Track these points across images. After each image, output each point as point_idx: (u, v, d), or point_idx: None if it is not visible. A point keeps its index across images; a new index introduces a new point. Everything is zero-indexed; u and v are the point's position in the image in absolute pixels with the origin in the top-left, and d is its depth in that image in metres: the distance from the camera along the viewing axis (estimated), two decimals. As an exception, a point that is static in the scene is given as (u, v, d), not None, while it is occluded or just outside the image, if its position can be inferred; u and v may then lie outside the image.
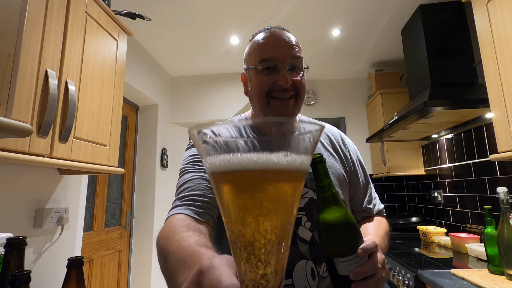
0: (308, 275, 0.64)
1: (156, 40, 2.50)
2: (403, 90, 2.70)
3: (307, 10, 2.11)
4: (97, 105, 1.16)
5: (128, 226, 2.61)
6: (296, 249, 0.66)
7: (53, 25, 0.93)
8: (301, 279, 0.64)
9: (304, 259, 0.65)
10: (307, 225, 0.67)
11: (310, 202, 0.67)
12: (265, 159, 0.23)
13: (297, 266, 0.65)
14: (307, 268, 0.65)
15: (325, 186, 0.47)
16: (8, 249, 0.59)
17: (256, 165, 0.23)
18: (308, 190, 0.68)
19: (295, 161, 0.24)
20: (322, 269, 0.66)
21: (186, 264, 0.42)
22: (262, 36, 0.70)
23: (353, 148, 0.84)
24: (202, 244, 0.46)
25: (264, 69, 0.67)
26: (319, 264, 0.66)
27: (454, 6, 1.95)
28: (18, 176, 1.14)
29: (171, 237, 0.51)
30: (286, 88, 0.66)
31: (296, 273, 0.64)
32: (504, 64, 1.16)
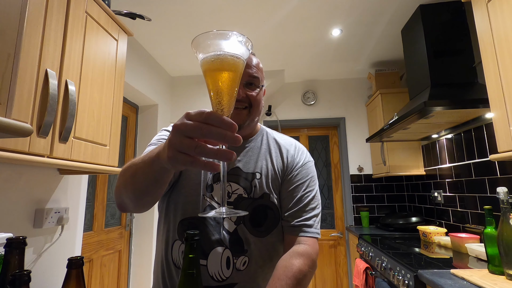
0: (223, 262, 0.71)
1: (156, 40, 2.50)
2: (403, 90, 2.70)
3: (307, 10, 2.11)
4: (97, 105, 1.16)
5: (128, 226, 2.61)
6: (218, 235, 0.73)
7: (53, 25, 0.93)
8: (215, 264, 0.70)
9: (222, 246, 0.72)
10: (233, 218, 0.74)
11: (238, 198, 0.75)
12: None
13: (214, 251, 0.71)
14: (223, 255, 0.71)
15: (188, 261, 0.48)
16: (8, 249, 0.59)
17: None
18: (239, 187, 0.76)
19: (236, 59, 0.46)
20: (240, 262, 0.72)
21: (154, 150, 0.50)
22: None
23: (298, 163, 0.82)
24: None
25: None
26: (237, 256, 0.72)
27: (454, 6, 1.95)
28: (18, 176, 1.14)
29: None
30: (240, 99, 0.75)
31: (212, 256, 0.71)
32: (504, 64, 1.16)
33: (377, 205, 3.07)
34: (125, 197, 0.61)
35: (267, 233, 0.76)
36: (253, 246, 0.74)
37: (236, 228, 0.74)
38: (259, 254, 0.74)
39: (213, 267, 0.71)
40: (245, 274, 0.72)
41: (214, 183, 0.77)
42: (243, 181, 0.77)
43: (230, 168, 0.78)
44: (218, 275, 0.71)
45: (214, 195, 0.76)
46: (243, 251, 0.73)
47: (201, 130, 0.39)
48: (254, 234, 0.74)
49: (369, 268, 1.99)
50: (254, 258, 0.73)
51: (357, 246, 2.36)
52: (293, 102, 3.37)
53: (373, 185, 3.11)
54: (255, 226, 0.75)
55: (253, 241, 0.74)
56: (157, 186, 0.55)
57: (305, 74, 3.24)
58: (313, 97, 3.34)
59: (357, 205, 3.09)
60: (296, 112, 3.35)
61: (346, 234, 3.08)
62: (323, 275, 3.05)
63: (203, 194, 0.76)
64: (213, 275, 0.71)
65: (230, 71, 0.46)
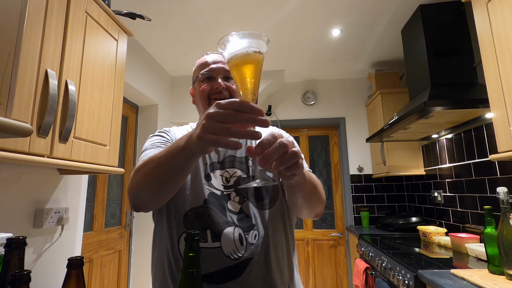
0: (236, 240, 0.74)
1: (156, 40, 2.50)
2: (403, 90, 2.70)
3: (307, 10, 2.11)
4: (97, 105, 1.16)
5: (128, 226, 2.61)
6: (225, 217, 0.76)
7: (53, 25, 0.93)
8: (229, 243, 0.73)
9: (232, 226, 0.75)
10: (236, 199, 0.79)
11: (238, 180, 0.81)
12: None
13: (225, 231, 0.74)
14: (235, 233, 0.74)
15: (189, 260, 0.50)
16: (8, 249, 0.59)
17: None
18: (236, 170, 0.82)
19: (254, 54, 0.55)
20: (251, 236, 0.75)
21: (178, 140, 0.58)
22: (204, 57, 0.91)
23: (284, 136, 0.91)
24: None
25: (205, 78, 0.86)
26: (247, 231, 0.75)
27: (454, 6, 1.95)
28: (18, 176, 1.14)
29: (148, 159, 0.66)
30: (220, 91, 0.83)
31: (224, 237, 0.73)
32: (504, 64, 1.16)
33: (377, 205, 3.07)
34: (145, 192, 0.66)
35: (271, 205, 0.80)
36: (259, 219, 0.78)
37: (241, 207, 0.78)
38: (266, 225, 0.78)
39: (228, 247, 0.73)
40: (258, 247, 0.75)
41: (211, 172, 0.82)
42: (238, 165, 0.83)
43: (225, 157, 0.84)
44: (234, 253, 0.73)
45: (212, 183, 0.81)
46: (252, 226, 0.77)
47: (235, 117, 0.47)
48: (259, 207, 0.79)
49: (369, 268, 1.99)
50: (262, 230, 0.77)
51: (357, 246, 2.36)
52: (293, 102, 3.37)
53: (373, 185, 3.11)
54: (258, 201, 0.80)
55: (259, 214, 0.78)
56: (184, 174, 0.62)
57: (305, 74, 3.24)
58: (313, 97, 3.34)
59: (357, 205, 3.09)
60: (296, 112, 3.35)
61: (346, 234, 3.08)
62: (323, 275, 3.05)
63: (203, 183, 0.80)
64: (229, 255, 0.73)
65: (253, 64, 0.54)
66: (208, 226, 0.75)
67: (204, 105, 0.85)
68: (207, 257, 0.72)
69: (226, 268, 0.72)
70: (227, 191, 0.80)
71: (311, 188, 0.69)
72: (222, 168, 0.83)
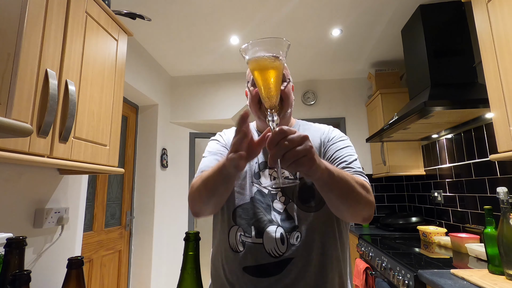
0: (277, 239, 0.76)
1: (156, 40, 2.50)
2: (403, 90, 2.70)
3: (307, 10, 2.11)
4: (97, 105, 1.16)
5: (128, 226, 2.61)
6: (269, 215, 0.79)
7: (53, 25, 0.93)
8: (271, 241, 0.76)
9: (275, 225, 0.77)
10: (281, 199, 0.81)
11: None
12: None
13: (268, 229, 0.77)
14: (276, 232, 0.76)
15: (189, 259, 0.52)
16: (8, 249, 0.59)
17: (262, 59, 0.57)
18: (284, 171, 0.83)
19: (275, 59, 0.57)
20: (293, 237, 0.76)
21: (219, 164, 0.67)
22: None
23: (334, 136, 0.94)
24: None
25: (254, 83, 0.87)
26: (290, 232, 0.77)
27: (454, 6, 1.95)
28: (18, 176, 1.14)
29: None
30: None
31: (267, 235, 0.76)
32: (504, 64, 1.16)
33: (377, 205, 3.07)
34: (199, 203, 0.76)
35: (317, 208, 0.79)
36: (303, 221, 0.78)
37: (285, 208, 0.79)
38: (311, 228, 0.77)
39: (269, 244, 0.76)
40: (299, 249, 0.75)
41: (260, 171, 0.85)
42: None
43: None
44: (274, 251, 0.75)
45: (261, 181, 0.83)
46: (295, 227, 0.77)
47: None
48: (304, 210, 0.79)
49: (369, 268, 1.99)
50: (306, 232, 0.77)
51: (357, 246, 2.36)
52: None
53: (373, 185, 3.11)
54: (304, 203, 0.79)
55: (303, 217, 0.78)
56: (226, 189, 0.71)
57: (305, 74, 3.24)
58: (313, 97, 3.34)
59: (357, 205, 3.09)
60: (296, 112, 3.35)
61: (346, 234, 3.07)
62: (323, 275, 3.05)
63: (251, 181, 0.84)
64: (270, 252, 0.75)
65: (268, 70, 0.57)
66: (252, 223, 0.79)
67: (255, 109, 0.88)
68: (249, 251, 0.76)
69: (266, 264, 0.75)
70: (274, 190, 0.82)
71: (347, 188, 0.65)
72: (271, 167, 0.84)
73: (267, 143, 0.52)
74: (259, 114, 0.88)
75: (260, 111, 0.87)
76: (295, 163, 0.51)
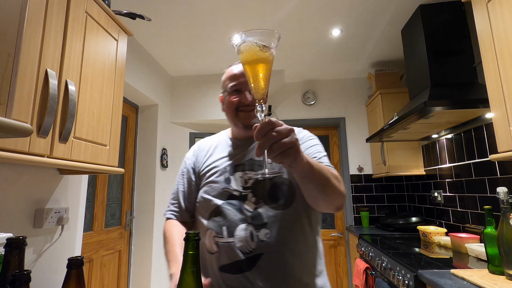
0: (248, 236, 0.80)
1: (156, 40, 2.50)
2: (403, 90, 2.70)
3: (307, 10, 2.11)
4: (97, 105, 1.16)
5: (128, 226, 2.61)
6: (240, 215, 0.83)
7: (53, 25, 0.93)
8: (241, 239, 0.80)
9: (245, 223, 0.82)
10: (252, 200, 0.85)
11: (255, 182, 0.87)
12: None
13: (238, 228, 0.82)
14: (246, 230, 0.81)
15: (189, 258, 0.52)
16: (8, 249, 0.59)
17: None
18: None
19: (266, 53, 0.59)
20: (263, 233, 0.81)
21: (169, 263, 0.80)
22: (232, 68, 0.97)
23: (303, 136, 0.98)
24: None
25: (233, 91, 0.93)
26: (259, 229, 0.81)
27: (454, 6, 1.95)
28: (18, 176, 1.14)
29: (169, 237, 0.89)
30: (248, 103, 0.90)
31: (237, 233, 0.81)
32: (504, 64, 1.16)
33: (377, 205, 3.07)
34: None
35: (285, 206, 0.84)
36: (273, 219, 0.82)
37: (256, 207, 0.84)
38: (280, 225, 0.82)
39: (240, 242, 0.80)
40: (269, 244, 0.80)
41: (231, 175, 0.89)
42: (257, 168, 0.89)
43: (245, 160, 0.91)
44: (245, 248, 0.80)
45: (232, 185, 0.88)
46: (264, 224, 0.82)
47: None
48: (273, 208, 0.84)
49: (369, 268, 1.99)
50: (275, 229, 0.82)
51: (357, 246, 2.36)
52: (293, 102, 3.37)
53: (373, 185, 3.11)
54: (273, 202, 0.84)
55: (273, 214, 0.83)
56: None
57: (305, 74, 3.24)
58: (313, 97, 3.34)
59: (357, 205, 3.09)
60: (296, 112, 3.35)
61: (346, 234, 3.08)
62: (323, 275, 3.05)
63: (222, 188, 0.88)
64: (241, 249, 0.80)
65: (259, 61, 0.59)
66: (224, 224, 0.84)
67: (232, 116, 0.93)
68: (223, 250, 0.81)
69: (239, 261, 0.79)
70: (245, 191, 0.86)
71: (323, 180, 0.70)
72: (243, 171, 0.89)
73: (255, 133, 0.53)
74: (236, 121, 0.93)
75: (237, 118, 0.92)
76: (281, 154, 0.53)
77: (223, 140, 1.00)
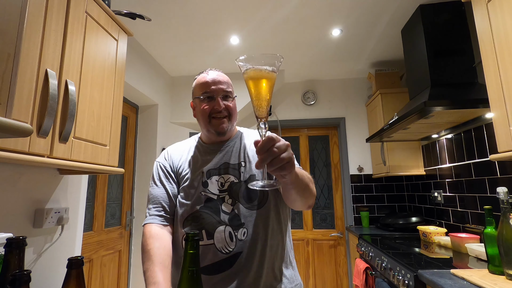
0: (227, 237, 0.85)
1: (156, 40, 2.50)
2: (403, 90, 2.70)
3: (307, 10, 2.11)
4: (97, 105, 1.16)
5: (128, 226, 2.61)
6: (218, 217, 0.88)
7: (53, 25, 0.93)
8: (221, 240, 0.85)
9: (223, 225, 0.87)
10: (229, 201, 0.90)
11: (231, 185, 0.91)
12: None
13: (217, 230, 0.86)
14: (225, 232, 0.86)
15: (189, 258, 0.53)
16: (8, 249, 0.59)
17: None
18: (230, 176, 0.92)
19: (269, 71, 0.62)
20: (240, 233, 0.86)
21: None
22: (204, 75, 1.00)
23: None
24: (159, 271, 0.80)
25: (205, 98, 0.96)
26: (237, 229, 0.87)
27: (454, 6, 1.95)
28: (18, 176, 1.14)
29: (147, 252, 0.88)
30: (220, 110, 0.94)
31: (217, 235, 0.86)
32: (504, 64, 1.16)
33: (377, 205, 3.07)
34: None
35: (260, 206, 0.90)
36: (249, 218, 0.88)
37: (233, 208, 0.89)
38: (256, 224, 0.88)
39: (219, 243, 0.85)
40: (246, 242, 0.86)
41: (208, 179, 0.93)
42: (232, 171, 0.94)
43: (220, 164, 0.95)
44: (224, 248, 0.85)
45: (209, 189, 0.92)
46: (241, 224, 0.87)
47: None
48: (249, 208, 0.89)
49: (369, 268, 1.99)
50: (251, 228, 0.87)
51: (357, 246, 2.36)
52: (293, 102, 3.37)
53: (373, 185, 3.11)
54: (248, 202, 0.90)
55: (248, 214, 0.88)
56: None
57: (305, 74, 3.24)
58: (313, 97, 3.34)
59: (357, 205, 3.09)
60: (296, 112, 3.35)
61: (346, 234, 3.08)
62: (323, 275, 3.05)
63: (200, 192, 0.92)
64: (220, 249, 0.85)
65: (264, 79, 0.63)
66: (203, 227, 0.87)
67: (205, 123, 0.96)
68: (203, 253, 0.85)
69: (219, 262, 0.84)
70: (221, 194, 0.91)
71: (304, 185, 0.78)
72: (218, 174, 0.93)
73: (258, 148, 0.57)
74: (209, 128, 0.96)
75: (210, 125, 0.96)
76: (280, 168, 0.58)
77: (194, 146, 1.04)
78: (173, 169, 1.00)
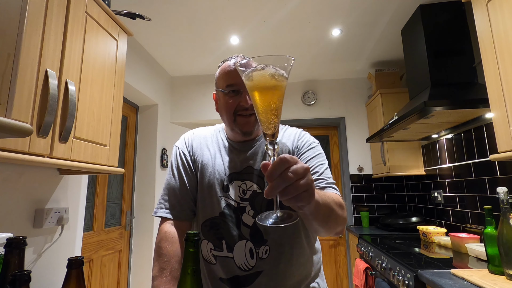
0: (247, 253, 0.79)
1: (156, 40, 2.50)
2: (403, 90, 2.70)
3: (307, 10, 2.11)
4: (97, 105, 1.16)
5: (128, 226, 2.61)
6: (239, 230, 0.80)
7: (53, 25, 0.93)
8: (240, 256, 0.79)
9: (244, 240, 0.80)
10: (250, 213, 0.81)
11: (253, 194, 0.81)
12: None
13: (238, 244, 0.80)
14: (246, 247, 0.79)
15: (189, 257, 0.52)
16: (8, 249, 0.59)
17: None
18: (253, 184, 0.82)
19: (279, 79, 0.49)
20: (262, 251, 0.79)
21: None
22: (228, 64, 0.86)
23: (304, 144, 0.89)
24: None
25: (230, 91, 0.83)
26: (258, 246, 0.79)
27: (454, 6, 1.95)
28: (18, 176, 1.14)
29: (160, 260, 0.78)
30: (247, 107, 0.81)
31: (236, 249, 0.79)
32: (504, 64, 1.16)
33: (377, 205, 3.07)
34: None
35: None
36: (272, 235, 0.79)
37: (255, 221, 0.79)
38: (279, 242, 0.80)
39: (239, 259, 0.79)
40: (268, 262, 0.79)
41: (229, 183, 0.84)
42: (256, 178, 0.83)
43: (243, 168, 0.84)
44: (244, 265, 0.79)
45: (230, 194, 0.83)
46: (263, 241, 0.79)
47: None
48: (272, 223, 0.80)
49: (369, 268, 1.99)
50: (274, 246, 0.79)
51: (357, 246, 2.36)
52: (293, 102, 3.37)
53: (373, 185, 3.11)
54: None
55: (271, 230, 0.79)
56: None
57: (305, 74, 3.24)
58: (313, 97, 3.34)
59: (357, 205, 3.09)
60: (296, 112, 3.35)
61: (346, 234, 3.08)
62: (323, 275, 3.05)
63: (220, 195, 0.83)
64: (240, 266, 0.79)
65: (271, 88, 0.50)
66: (223, 237, 0.81)
67: (229, 120, 0.85)
68: (221, 264, 0.80)
69: (237, 277, 0.79)
70: (243, 203, 0.82)
71: (327, 214, 0.63)
72: (240, 179, 0.83)
73: (267, 176, 0.44)
74: (233, 126, 0.84)
75: (235, 124, 0.84)
76: (295, 197, 0.44)
77: (219, 138, 0.92)
78: (192, 157, 0.89)
